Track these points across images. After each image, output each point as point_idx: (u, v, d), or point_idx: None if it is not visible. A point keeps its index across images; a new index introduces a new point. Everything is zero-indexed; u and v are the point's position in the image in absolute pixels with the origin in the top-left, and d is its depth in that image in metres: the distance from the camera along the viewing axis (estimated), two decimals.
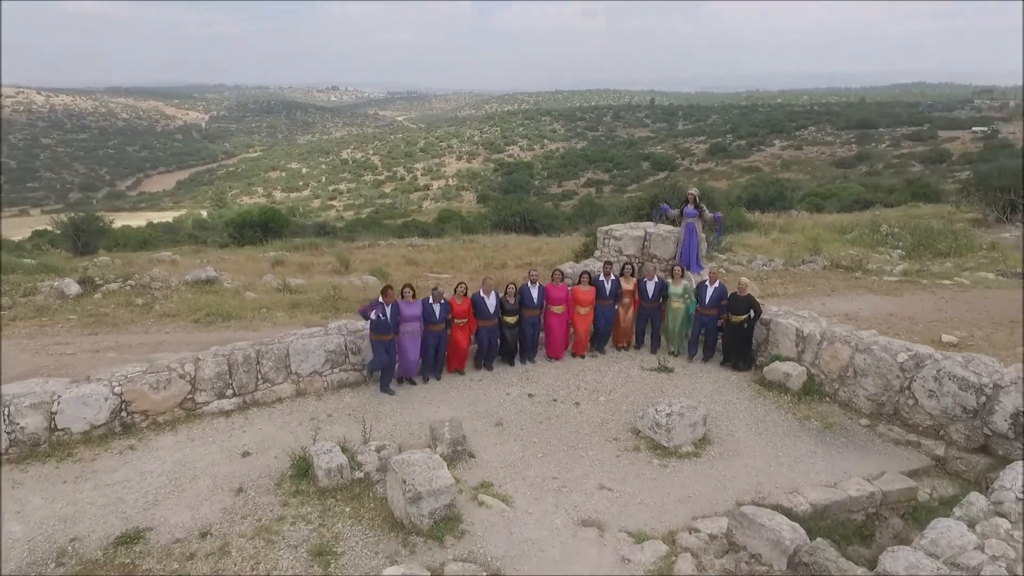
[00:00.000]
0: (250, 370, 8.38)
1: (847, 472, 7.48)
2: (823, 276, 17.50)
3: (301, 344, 8.73)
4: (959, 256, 21.24)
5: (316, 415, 8.33)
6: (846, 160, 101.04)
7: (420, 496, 5.80)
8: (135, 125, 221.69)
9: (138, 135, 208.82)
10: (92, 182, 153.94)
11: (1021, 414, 7.28)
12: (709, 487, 7.10)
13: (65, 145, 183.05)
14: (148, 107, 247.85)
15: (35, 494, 6.51)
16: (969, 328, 13.21)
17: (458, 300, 9.36)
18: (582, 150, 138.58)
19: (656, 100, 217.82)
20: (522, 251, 26.02)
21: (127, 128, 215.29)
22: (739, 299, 9.92)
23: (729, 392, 9.34)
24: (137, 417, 7.75)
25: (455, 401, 8.89)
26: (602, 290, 10.16)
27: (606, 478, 7.14)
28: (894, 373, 8.42)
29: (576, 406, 8.86)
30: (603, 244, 12.15)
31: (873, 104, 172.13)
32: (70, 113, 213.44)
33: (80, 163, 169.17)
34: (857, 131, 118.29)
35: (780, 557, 5.38)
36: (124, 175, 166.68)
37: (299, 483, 6.67)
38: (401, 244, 27.69)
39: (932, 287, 16.55)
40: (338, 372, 9.04)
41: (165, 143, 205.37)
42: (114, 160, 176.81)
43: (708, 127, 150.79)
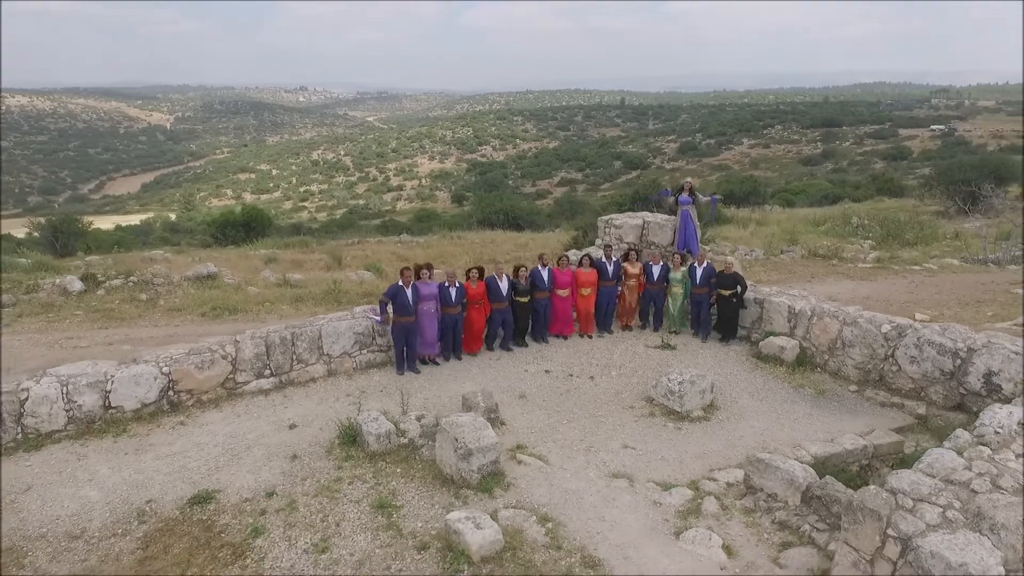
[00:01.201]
0: (286, 351, 8.86)
1: (840, 430, 8.29)
2: (802, 264, 18.52)
3: (332, 327, 9.23)
4: (925, 245, 22.49)
5: (350, 392, 8.85)
6: (812, 158, 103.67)
7: (471, 452, 6.40)
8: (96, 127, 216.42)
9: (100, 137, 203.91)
10: (53, 185, 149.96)
11: (993, 374, 8.18)
12: (721, 444, 7.84)
13: (23, 148, 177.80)
14: (110, 108, 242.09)
15: (101, 465, 6.92)
16: (939, 308, 14.24)
17: (472, 284, 9.95)
18: (555, 150, 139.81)
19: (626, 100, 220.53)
20: (509, 246, 26.64)
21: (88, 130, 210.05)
22: (725, 276, 10.77)
23: (729, 365, 10.12)
24: (183, 396, 8.17)
25: (477, 378, 9.49)
26: (604, 271, 10.87)
27: (628, 439, 7.82)
28: (879, 343, 9.28)
29: (591, 380, 9.54)
30: (604, 233, 12.87)
31: (836, 103, 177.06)
32: (27, 114, 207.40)
33: (39, 166, 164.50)
34: (822, 130, 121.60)
35: (794, 493, 6.12)
36: (86, 178, 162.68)
37: (348, 449, 7.19)
38: (390, 241, 28.09)
39: (903, 272, 17.68)
40: (366, 353, 9.57)
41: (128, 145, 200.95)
42: (75, 163, 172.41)
43: (678, 126, 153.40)
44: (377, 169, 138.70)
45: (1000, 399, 8.14)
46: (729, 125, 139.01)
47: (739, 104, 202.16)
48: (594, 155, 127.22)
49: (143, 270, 17.38)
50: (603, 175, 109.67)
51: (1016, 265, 19.22)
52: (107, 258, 20.87)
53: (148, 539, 5.79)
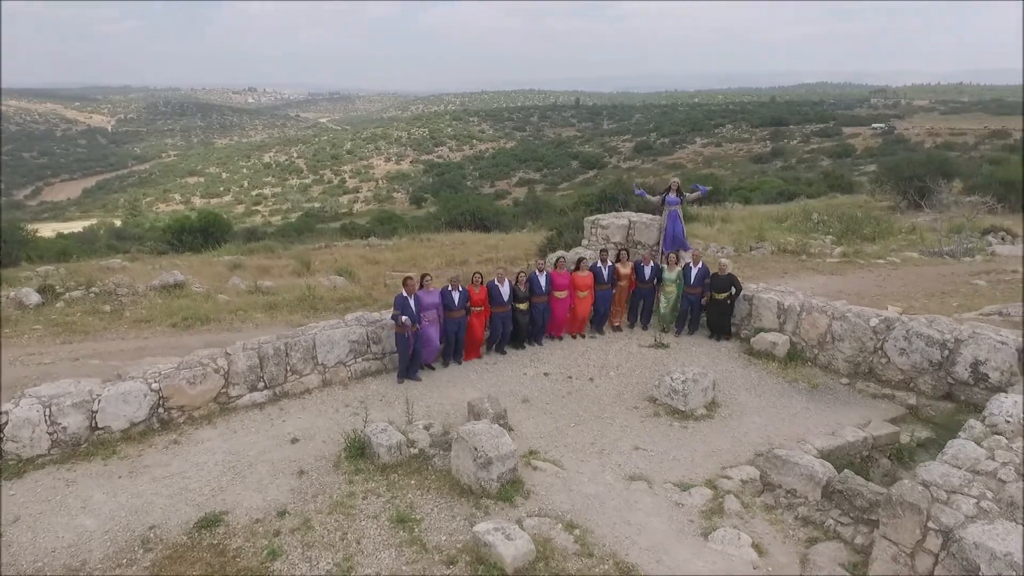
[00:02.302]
0: (280, 363, 8.52)
1: (839, 423, 8.47)
2: (773, 260, 18.95)
3: (326, 336, 8.93)
4: (882, 239, 23.29)
5: (348, 402, 8.58)
6: (762, 156, 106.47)
7: (491, 461, 6.26)
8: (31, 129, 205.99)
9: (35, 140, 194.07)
10: None
11: (980, 363, 8.48)
12: (728, 442, 7.90)
13: None
14: (45, 110, 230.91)
15: (94, 490, 6.51)
16: (908, 300, 14.73)
17: (475, 288, 9.80)
18: (512, 150, 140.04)
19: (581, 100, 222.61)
20: (480, 248, 26.49)
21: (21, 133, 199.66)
22: (720, 278, 10.88)
23: (723, 362, 10.24)
24: (174, 413, 7.77)
25: (477, 383, 9.34)
26: (600, 276, 10.86)
27: (638, 440, 7.81)
28: (868, 336, 9.53)
29: (591, 381, 9.50)
30: (591, 233, 12.87)
31: (783, 103, 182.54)
32: None
33: None
34: (770, 128, 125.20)
35: (815, 489, 6.19)
36: (21, 183, 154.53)
37: (357, 462, 6.96)
38: (357, 245, 27.57)
39: (868, 266, 18.28)
40: (361, 361, 9.30)
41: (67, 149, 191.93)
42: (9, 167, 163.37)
43: (632, 126, 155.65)
44: (332, 171, 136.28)
45: (987, 388, 8.47)
46: (682, 124, 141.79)
47: (690, 104, 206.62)
48: (551, 155, 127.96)
49: (104, 280, 16.57)
50: (561, 175, 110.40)
51: (969, 257, 20.13)
52: (60, 268, 19.83)
53: (157, 568, 5.45)
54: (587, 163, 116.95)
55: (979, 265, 18.59)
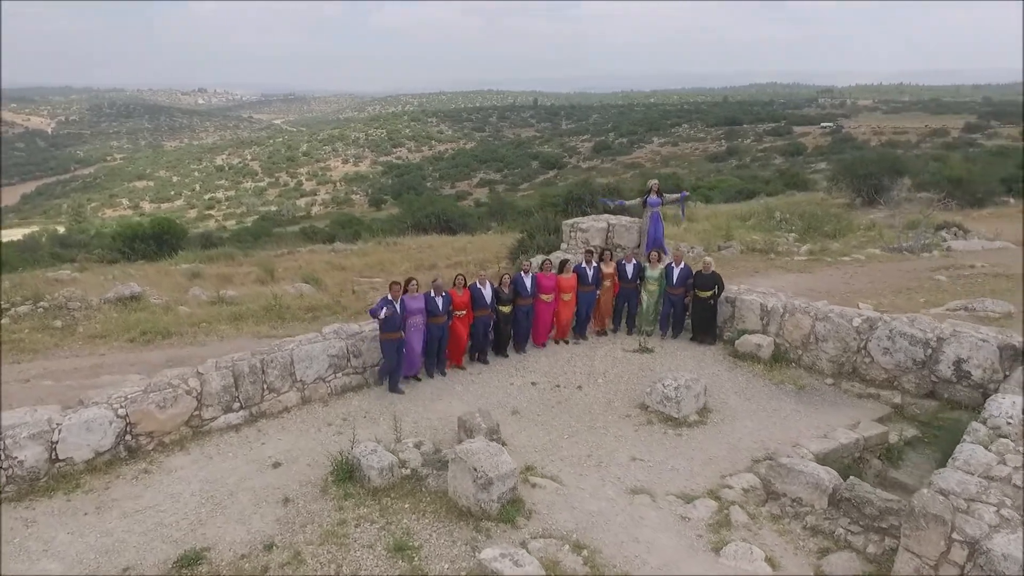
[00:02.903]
0: (256, 381, 8.05)
1: (829, 424, 8.47)
2: (743, 259, 19.14)
3: (304, 351, 8.49)
4: (843, 236, 23.81)
5: (331, 420, 8.16)
6: (718, 155, 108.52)
7: (491, 481, 5.97)
8: None
9: None
10: None
11: (962, 361, 8.60)
12: (724, 449, 7.79)
13: None
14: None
15: (57, 530, 5.96)
16: (876, 297, 15.00)
17: (458, 292, 9.49)
18: (472, 150, 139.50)
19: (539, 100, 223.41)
20: (447, 251, 26.13)
21: None
22: (704, 276, 10.82)
23: (709, 365, 10.17)
24: (143, 439, 7.22)
25: (464, 395, 9.03)
26: (584, 277, 10.67)
27: (634, 450, 7.62)
28: (851, 336, 9.58)
29: (579, 390, 9.29)
30: (570, 237, 12.69)
31: (735, 103, 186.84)
32: None
33: None
34: (725, 128, 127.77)
35: (821, 497, 6.10)
36: None
37: (346, 487, 6.57)
38: (322, 250, 26.82)
39: (835, 264, 18.62)
40: (341, 376, 8.88)
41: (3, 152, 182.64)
42: None
43: (591, 126, 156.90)
44: (288, 174, 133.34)
45: (970, 385, 8.59)
46: (639, 124, 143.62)
47: (646, 104, 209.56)
48: (511, 155, 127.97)
49: (53, 293, 15.63)
50: (521, 175, 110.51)
51: (927, 253, 20.73)
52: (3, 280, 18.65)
53: None
54: (547, 163, 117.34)
55: (938, 261, 19.14)
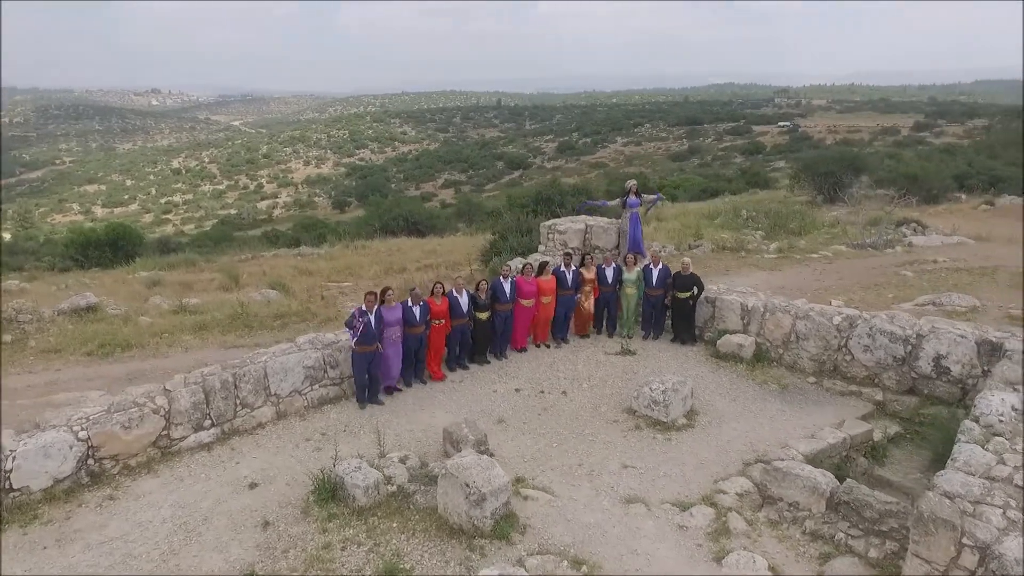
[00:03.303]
0: (228, 396, 7.63)
1: (815, 424, 8.46)
2: (714, 258, 19.24)
3: (279, 363, 8.10)
4: (808, 233, 24.19)
5: (309, 436, 7.80)
6: (680, 154, 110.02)
7: (484, 497, 5.73)
8: None
9: None
10: None
11: (941, 357, 8.69)
12: (714, 452, 7.69)
13: None
14: None
15: (13, 566, 5.49)
16: (847, 293, 15.18)
17: (436, 300, 9.20)
18: (436, 151, 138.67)
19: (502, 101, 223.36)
20: (417, 254, 25.73)
21: None
22: (683, 277, 10.77)
23: (692, 366, 10.10)
24: (107, 463, 6.76)
25: (446, 404, 8.75)
26: (563, 280, 10.50)
27: (624, 457, 7.47)
28: (832, 334, 9.63)
29: (564, 395, 9.11)
30: (547, 239, 12.51)
31: (695, 103, 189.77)
32: None
33: None
34: (686, 127, 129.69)
35: (819, 501, 6.03)
36: None
37: (329, 507, 6.25)
38: (287, 254, 26.13)
39: (804, 261, 18.84)
40: (318, 388, 8.51)
41: None
42: None
43: (554, 126, 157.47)
44: (248, 176, 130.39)
45: (949, 380, 8.69)
46: (602, 124, 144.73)
47: (609, 104, 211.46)
48: (476, 156, 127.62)
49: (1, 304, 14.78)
50: (486, 175, 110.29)
51: (890, 249, 21.19)
52: None
53: None
54: (512, 163, 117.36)
55: (901, 256, 19.55)
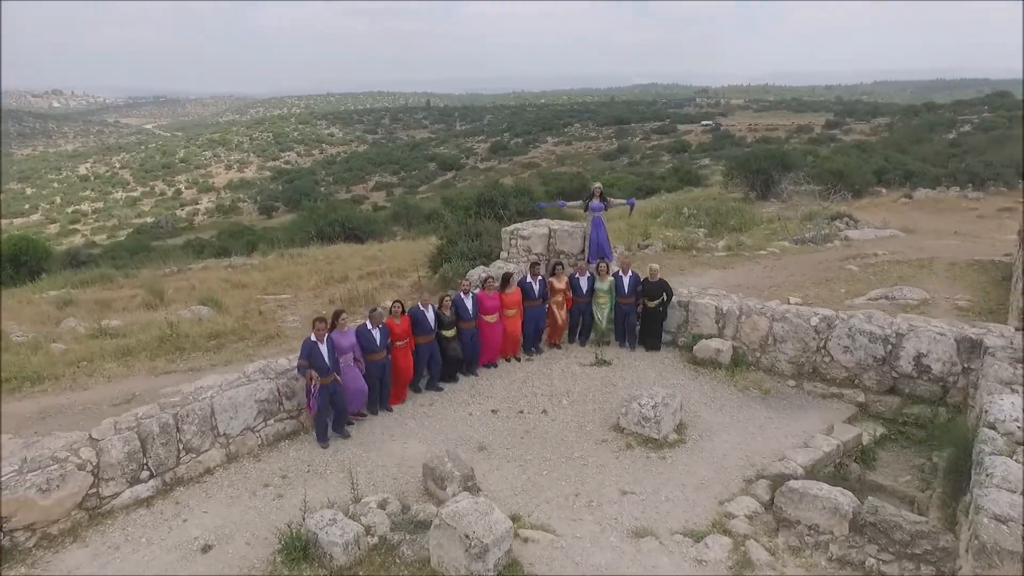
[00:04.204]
0: (169, 441, 6.57)
1: (805, 431, 8.20)
2: (667, 257, 19.12)
3: (227, 398, 7.08)
4: (747, 230, 24.58)
5: (267, 480, 6.84)
6: (610, 153, 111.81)
7: (487, 549, 5.03)
8: None
9: None
10: None
11: (922, 356, 8.61)
12: (711, 469, 7.26)
13: None
14: None
15: None
16: (801, 289, 15.27)
17: (396, 320, 8.35)
18: (365, 153, 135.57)
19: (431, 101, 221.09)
20: (358, 260, 24.58)
21: None
22: (652, 284, 10.36)
23: (671, 375, 9.69)
24: (20, 535, 5.61)
25: (418, 431, 7.96)
26: (530, 292, 9.89)
27: (622, 482, 6.92)
28: (810, 336, 9.43)
29: (545, 414, 8.48)
30: (510, 245, 11.84)
31: (622, 103, 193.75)
32: None
33: None
34: (615, 127, 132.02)
35: (841, 522, 5.65)
36: None
37: (301, 568, 5.37)
38: (217, 266, 24.35)
39: (753, 258, 18.99)
40: (273, 423, 7.54)
41: None
42: None
43: (485, 127, 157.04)
44: (164, 182, 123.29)
45: (930, 379, 8.62)
46: (533, 124, 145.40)
47: (538, 104, 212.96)
48: (407, 157, 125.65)
49: None
50: (419, 177, 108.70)
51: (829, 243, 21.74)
52: None
53: None
54: (445, 165, 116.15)
55: (843, 251, 20.03)
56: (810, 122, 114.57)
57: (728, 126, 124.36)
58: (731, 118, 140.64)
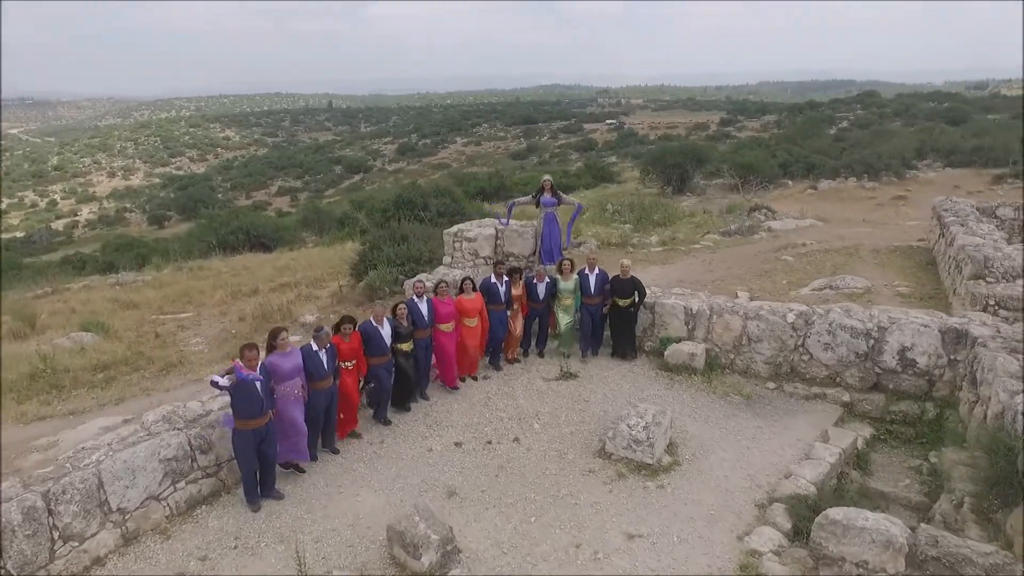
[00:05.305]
0: (39, 531, 4.87)
1: (799, 439, 7.52)
2: (604, 254, 18.40)
3: (121, 461, 5.42)
4: (671, 224, 24.49)
5: (180, 566, 5.25)
6: (519, 153, 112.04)
7: None
8: None
9: None
10: None
11: (907, 349, 8.16)
12: (716, 495, 6.37)
13: None
14: None
15: None
16: (744, 283, 14.93)
17: (345, 338, 6.92)
18: (265, 157, 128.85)
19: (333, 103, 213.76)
20: (268, 271, 22.43)
21: None
22: (623, 282, 9.43)
23: (646, 385, 8.79)
24: None
25: (372, 477, 6.57)
26: (496, 295, 8.69)
27: (624, 522, 5.87)
28: (787, 334, 8.81)
29: (517, 443, 7.31)
30: (454, 248, 10.55)
31: (527, 103, 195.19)
32: None
33: None
34: (522, 127, 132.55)
35: (895, 558, 4.86)
36: None
37: None
38: (102, 284, 21.39)
39: (689, 253, 18.65)
40: (185, 486, 5.92)
41: None
42: None
43: (391, 128, 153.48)
44: (36, 192, 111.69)
45: (916, 373, 8.19)
46: (441, 125, 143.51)
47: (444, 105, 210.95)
48: (311, 161, 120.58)
49: None
50: (325, 181, 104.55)
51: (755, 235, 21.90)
52: None
53: None
54: (351, 167, 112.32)
55: (772, 242, 20.13)
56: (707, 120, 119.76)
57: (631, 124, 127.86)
58: (633, 117, 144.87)
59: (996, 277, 10.91)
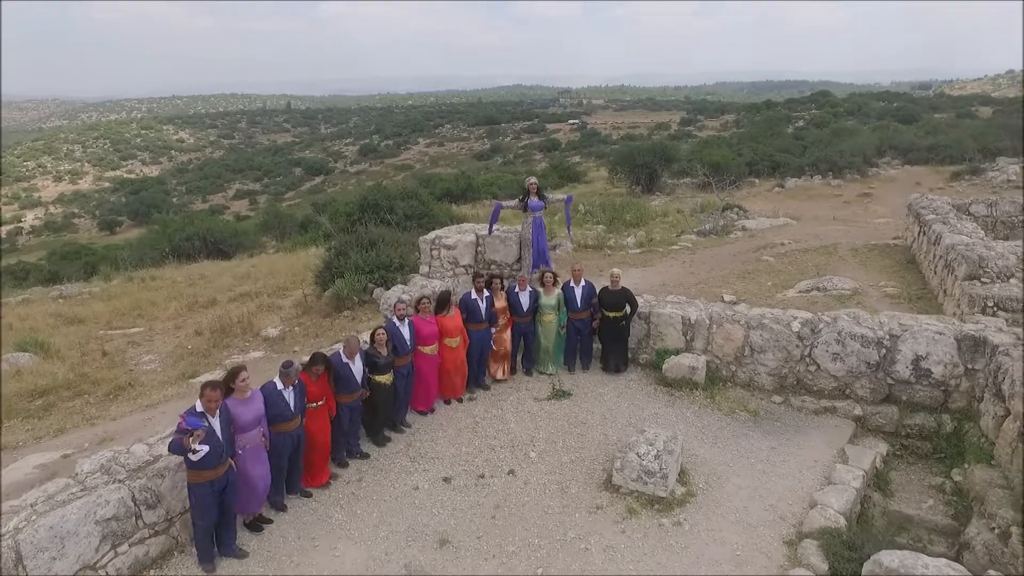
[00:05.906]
0: None
1: (815, 460, 6.97)
2: (582, 257, 17.81)
3: (46, 528, 4.47)
4: (644, 224, 24.06)
5: None
6: (483, 153, 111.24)
7: None
8: None
9: None
10: None
11: (921, 358, 7.68)
12: (740, 532, 5.73)
13: None
14: None
15: None
16: (728, 285, 14.51)
17: (313, 378, 6.02)
18: (222, 159, 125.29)
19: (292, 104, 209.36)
20: (227, 280, 21.26)
21: None
22: (613, 293, 8.75)
23: (645, 403, 8.12)
24: None
25: (351, 525, 5.72)
26: (476, 312, 7.90)
27: (643, 570, 5.18)
28: (793, 343, 8.26)
29: (512, 475, 6.55)
30: (431, 256, 9.73)
31: (490, 103, 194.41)
32: None
33: None
34: (486, 127, 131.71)
35: None
36: None
37: None
38: (42, 297, 19.85)
39: (668, 254, 18.18)
40: (128, 549, 4.98)
41: None
42: None
43: (352, 129, 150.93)
44: None
45: (931, 384, 7.72)
46: (403, 126, 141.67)
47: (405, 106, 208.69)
48: (270, 163, 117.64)
49: None
50: (284, 183, 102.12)
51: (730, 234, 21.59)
52: None
53: None
54: (312, 169, 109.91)
55: (750, 241, 19.84)
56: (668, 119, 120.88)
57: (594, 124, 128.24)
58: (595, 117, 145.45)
59: (991, 277, 10.63)
